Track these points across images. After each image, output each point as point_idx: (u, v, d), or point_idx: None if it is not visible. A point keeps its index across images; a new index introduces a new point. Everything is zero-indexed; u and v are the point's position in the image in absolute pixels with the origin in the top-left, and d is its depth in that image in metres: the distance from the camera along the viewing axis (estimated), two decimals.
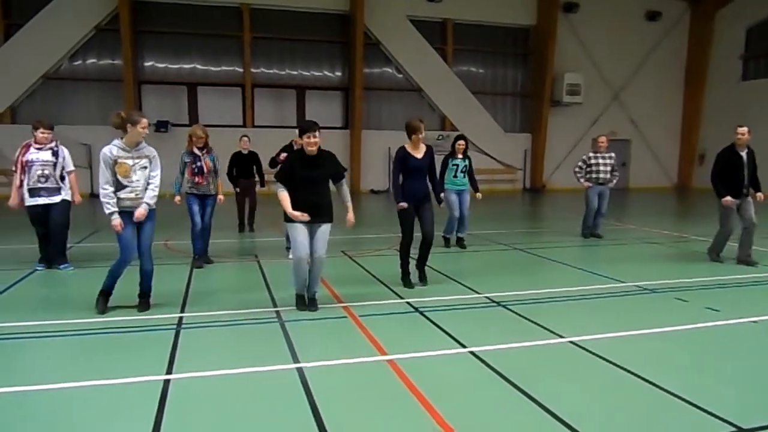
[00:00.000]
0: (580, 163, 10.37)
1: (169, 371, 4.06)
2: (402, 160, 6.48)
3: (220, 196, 7.70)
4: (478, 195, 9.25)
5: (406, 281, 6.62)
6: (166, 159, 14.41)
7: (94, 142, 19.08)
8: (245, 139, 10.73)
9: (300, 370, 4.06)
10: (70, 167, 7.39)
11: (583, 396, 3.74)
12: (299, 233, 5.33)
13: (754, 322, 5.30)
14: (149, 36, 19.89)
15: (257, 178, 10.77)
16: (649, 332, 5.01)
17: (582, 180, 10.31)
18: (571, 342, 4.71)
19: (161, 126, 19.54)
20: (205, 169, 7.43)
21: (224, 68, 20.73)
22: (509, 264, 8.33)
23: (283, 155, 8.09)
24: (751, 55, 23.14)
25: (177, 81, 20.36)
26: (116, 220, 5.24)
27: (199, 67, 20.54)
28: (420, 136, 6.40)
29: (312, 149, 5.30)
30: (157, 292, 5.95)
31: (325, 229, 5.46)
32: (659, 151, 25.06)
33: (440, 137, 21.90)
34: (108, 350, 4.59)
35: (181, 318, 5.36)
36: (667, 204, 19.11)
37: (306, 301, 5.66)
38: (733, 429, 3.24)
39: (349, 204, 5.65)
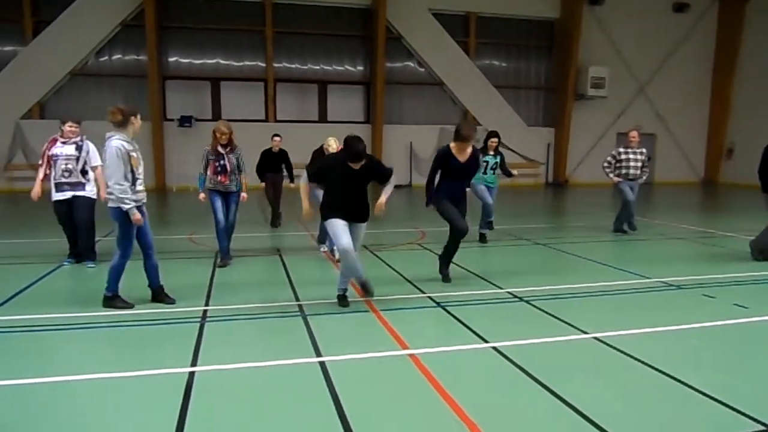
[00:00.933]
0: (609, 158, 10.07)
1: (194, 363, 4.12)
2: (442, 159, 6.32)
3: (244, 194, 7.48)
4: (515, 172, 9.63)
5: (445, 274, 6.60)
6: (191, 153, 14.56)
7: None
8: (277, 138, 10.74)
9: (322, 364, 4.09)
10: (95, 162, 7.30)
11: (606, 392, 3.70)
12: (341, 230, 5.38)
13: None
14: (173, 31, 20.07)
15: (285, 173, 10.84)
16: (674, 329, 4.94)
17: (611, 175, 10.00)
18: (595, 338, 4.66)
19: (185, 121, 19.75)
20: (228, 168, 7.24)
21: (247, 63, 20.85)
22: (532, 259, 8.27)
23: None
24: None
25: (200, 76, 20.53)
26: (137, 214, 5.23)
27: (222, 62, 20.68)
28: (467, 146, 6.30)
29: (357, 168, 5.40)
30: (182, 285, 6.04)
31: (362, 227, 5.62)
32: (686, 146, 24.63)
33: None
34: (134, 342, 4.68)
35: (205, 311, 5.43)
36: (693, 199, 18.79)
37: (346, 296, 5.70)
38: (763, 428, 3.18)
39: (387, 194, 5.66)
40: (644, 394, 3.65)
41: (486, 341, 4.58)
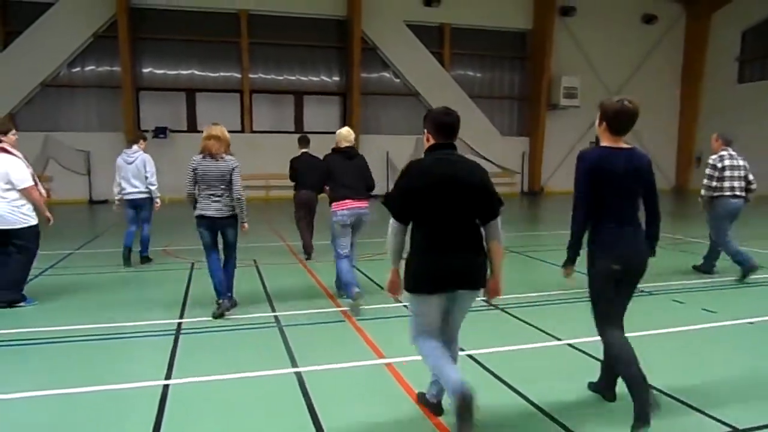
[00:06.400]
0: (709, 170, 7.28)
1: (168, 376, 4.09)
2: (592, 172, 3.46)
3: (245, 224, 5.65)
4: None
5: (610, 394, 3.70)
6: (165, 164, 14.27)
7: (93, 148, 19.14)
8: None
9: (299, 374, 4.09)
10: (24, 183, 5.74)
11: (580, 397, 3.76)
12: (431, 310, 3.29)
13: (751, 323, 5.33)
14: (147, 42, 19.95)
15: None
16: (645, 334, 5.03)
17: (714, 194, 7.19)
18: (569, 344, 4.73)
19: (160, 132, 19.60)
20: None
21: (222, 74, 20.80)
22: (507, 267, 8.31)
23: None
24: (746, 57, 23.24)
25: (175, 87, 20.42)
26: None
27: (197, 73, 20.60)
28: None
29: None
30: (156, 296, 5.97)
31: (469, 299, 3.49)
32: (656, 154, 25.05)
33: None
34: (108, 355, 4.62)
35: (180, 323, 5.38)
36: (664, 206, 19.04)
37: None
38: (729, 429, 3.26)
39: (499, 264, 3.62)
40: (617, 398, 3.72)
41: (462, 349, 4.61)
